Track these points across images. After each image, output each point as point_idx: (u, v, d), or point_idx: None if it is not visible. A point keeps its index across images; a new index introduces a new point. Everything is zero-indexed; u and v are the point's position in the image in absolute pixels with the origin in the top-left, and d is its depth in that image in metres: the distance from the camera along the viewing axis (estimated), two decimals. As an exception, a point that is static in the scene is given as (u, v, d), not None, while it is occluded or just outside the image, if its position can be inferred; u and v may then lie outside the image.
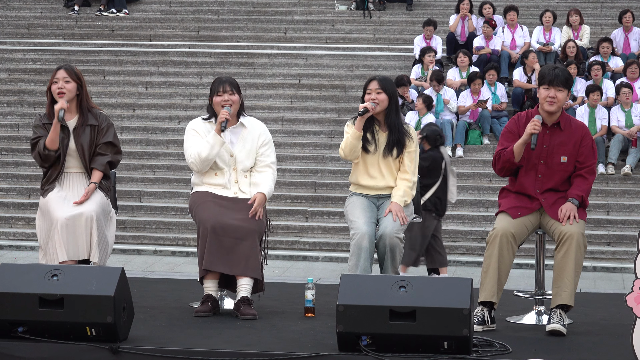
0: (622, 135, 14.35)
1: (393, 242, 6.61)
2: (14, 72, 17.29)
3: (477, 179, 14.42)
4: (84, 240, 6.54)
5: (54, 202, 6.57)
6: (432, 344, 5.31)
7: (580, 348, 5.71)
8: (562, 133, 6.30)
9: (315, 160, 15.03)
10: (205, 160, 6.57)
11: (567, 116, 6.43)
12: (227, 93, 6.61)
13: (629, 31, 16.36)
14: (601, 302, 7.11)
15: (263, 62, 17.30)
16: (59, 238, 6.47)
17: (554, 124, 6.31)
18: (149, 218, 13.83)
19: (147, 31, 18.46)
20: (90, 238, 6.55)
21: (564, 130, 6.31)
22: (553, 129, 6.31)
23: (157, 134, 15.66)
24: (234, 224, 6.40)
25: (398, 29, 17.98)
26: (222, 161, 6.63)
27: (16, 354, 5.50)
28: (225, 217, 6.41)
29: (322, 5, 18.94)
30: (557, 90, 6.23)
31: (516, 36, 16.57)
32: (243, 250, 6.39)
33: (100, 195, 6.66)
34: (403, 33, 17.75)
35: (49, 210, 6.56)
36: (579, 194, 6.18)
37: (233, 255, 6.38)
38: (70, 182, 6.70)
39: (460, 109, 15.15)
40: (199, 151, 6.56)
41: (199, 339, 5.75)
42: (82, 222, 6.52)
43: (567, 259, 6.07)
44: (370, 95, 6.74)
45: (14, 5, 19.39)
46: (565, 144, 6.29)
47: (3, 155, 15.34)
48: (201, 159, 6.56)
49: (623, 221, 13.38)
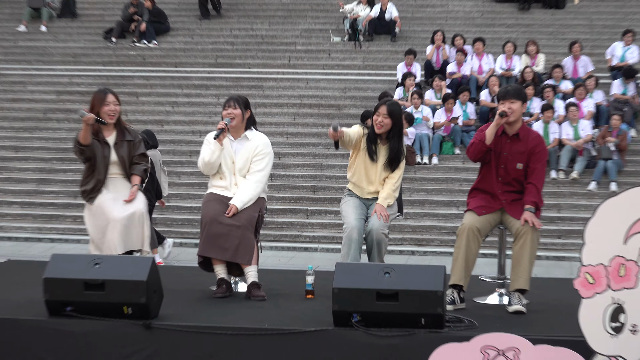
0: (570, 146, 14.41)
1: (379, 236, 6.65)
2: (62, 94, 17.31)
3: (449, 183, 14.43)
4: (138, 234, 6.65)
5: (106, 204, 6.63)
6: (412, 320, 5.34)
7: (535, 324, 5.73)
8: (521, 142, 6.30)
9: (314, 167, 15.03)
10: (208, 164, 6.62)
11: (526, 128, 6.43)
12: (230, 107, 6.65)
13: (577, 59, 16.38)
14: (553, 286, 7.14)
15: (270, 85, 17.32)
16: (118, 234, 6.54)
17: (514, 134, 6.32)
18: (175, 216, 13.86)
19: (173, 59, 18.48)
20: (143, 231, 6.66)
21: (522, 140, 6.31)
22: (513, 139, 6.31)
23: (182, 145, 15.69)
24: (226, 219, 6.42)
25: (383, 57, 17.99)
26: (225, 166, 6.67)
27: (65, 329, 5.55)
28: (219, 213, 6.45)
29: (319, 37, 18.95)
30: (510, 102, 6.24)
31: (483, 63, 16.59)
32: (233, 240, 6.40)
33: (142, 196, 6.77)
34: (388, 60, 17.75)
35: (104, 212, 6.61)
36: (533, 201, 6.18)
37: (224, 244, 6.41)
38: (114, 186, 6.77)
39: (436, 124, 15.16)
40: (204, 156, 6.64)
41: (217, 317, 5.79)
42: (136, 219, 6.64)
43: (523, 250, 6.10)
44: (378, 117, 6.69)
45: (61, 38, 19.40)
46: (522, 153, 6.29)
47: (54, 163, 15.37)
48: (204, 162, 6.63)
49: (571, 218, 13.40)
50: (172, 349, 5.46)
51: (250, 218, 6.51)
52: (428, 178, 14.57)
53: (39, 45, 19.16)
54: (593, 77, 15.67)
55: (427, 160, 14.88)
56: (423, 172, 14.71)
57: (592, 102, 15.18)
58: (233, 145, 6.70)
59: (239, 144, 6.72)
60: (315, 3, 20.22)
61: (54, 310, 5.59)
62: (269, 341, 5.41)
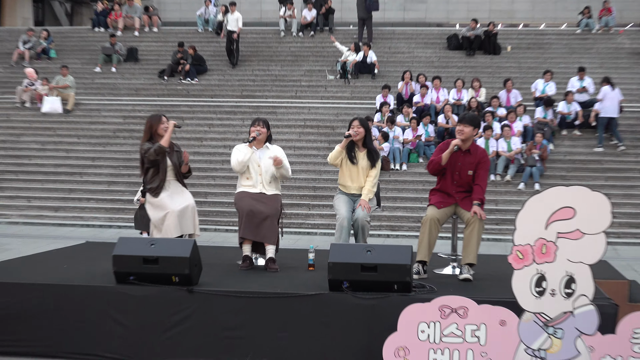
0: (505, 156, 14.41)
1: (363, 223, 6.65)
2: (127, 118, 17.31)
3: (416, 184, 14.43)
4: (191, 221, 6.63)
5: (165, 199, 6.62)
6: (387, 286, 5.33)
7: (479, 288, 5.72)
8: (471, 155, 6.31)
9: (314, 172, 15.03)
10: (242, 162, 6.60)
11: (475, 144, 6.43)
12: (259, 125, 6.70)
13: (509, 92, 16.38)
14: (493, 261, 7.12)
15: (282, 112, 17.31)
16: (175, 221, 6.51)
17: (467, 150, 6.33)
18: (211, 208, 13.84)
19: (210, 92, 18.47)
20: (194, 220, 6.67)
21: (472, 154, 6.32)
22: (466, 153, 6.32)
23: (216, 156, 15.67)
24: (260, 209, 6.41)
25: (366, 90, 18.01)
26: (252, 169, 6.64)
27: (128, 293, 5.53)
28: (254, 206, 6.43)
29: (318, 76, 18.96)
30: (464, 125, 6.25)
31: (439, 95, 16.58)
32: (265, 226, 6.39)
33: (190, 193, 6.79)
34: (369, 93, 17.77)
35: (163, 205, 6.59)
36: (480, 198, 6.18)
37: (258, 229, 6.39)
38: (170, 186, 6.75)
39: (405, 140, 15.17)
40: (237, 156, 6.62)
41: (242, 284, 5.77)
42: (189, 210, 6.66)
43: (472, 234, 6.10)
44: (353, 129, 6.75)
45: (126, 76, 19.41)
46: (472, 163, 6.29)
47: (120, 169, 15.36)
48: (238, 161, 6.60)
49: (506, 210, 13.40)
50: (208, 308, 5.44)
51: (276, 211, 6.50)
52: (399, 180, 14.58)
53: (110, 82, 19.16)
54: (521, 105, 15.68)
55: (398, 167, 14.89)
56: (395, 175, 14.71)
57: (521, 124, 15.20)
58: (257, 153, 6.70)
59: (262, 152, 6.72)
60: (315, 51, 20.22)
61: (120, 279, 5.58)
62: (280, 302, 5.39)
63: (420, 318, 4.77)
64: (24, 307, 5.54)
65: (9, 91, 18.52)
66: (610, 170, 14.71)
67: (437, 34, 21.34)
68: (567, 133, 15.80)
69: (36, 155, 15.97)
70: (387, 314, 5.12)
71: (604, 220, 4.57)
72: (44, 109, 17.42)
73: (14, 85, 18.55)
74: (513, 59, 19.41)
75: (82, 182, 15.05)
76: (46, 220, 13.62)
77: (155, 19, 22.05)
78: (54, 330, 5.53)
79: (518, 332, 4.69)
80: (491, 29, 19.68)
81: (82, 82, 18.86)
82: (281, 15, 21.15)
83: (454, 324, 4.75)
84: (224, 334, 5.39)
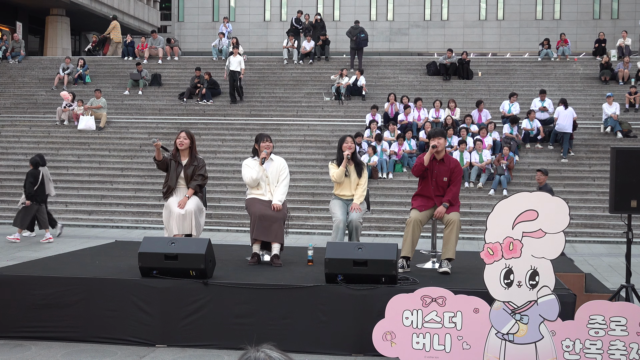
0: (477, 166, 14.40)
1: (357, 224, 6.64)
2: (152, 134, 17.25)
3: (400, 190, 14.40)
4: (189, 223, 6.57)
5: (173, 203, 6.62)
6: (376, 279, 5.30)
7: (456, 280, 5.69)
8: (445, 165, 6.31)
9: (313, 180, 14.99)
10: (255, 179, 6.56)
11: (448, 156, 6.43)
12: (267, 141, 6.64)
13: (481, 111, 16.38)
14: (467, 257, 7.10)
15: (285, 128, 17.28)
16: (175, 223, 6.50)
17: (441, 160, 6.32)
18: (223, 212, 13.81)
19: (223, 111, 18.45)
20: (193, 222, 6.59)
21: (446, 164, 6.31)
22: (440, 162, 6.32)
23: (228, 167, 15.63)
24: (269, 214, 6.38)
25: (357, 110, 18.01)
26: (262, 181, 6.61)
27: (152, 285, 5.50)
28: (264, 211, 6.39)
29: (316, 98, 18.96)
30: (437, 139, 6.24)
31: (421, 114, 16.58)
32: (274, 228, 6.36)
33: (196, 199, 6.71)
34: (360, 112, 17.77)
35: (170, 207, 6.59)
36: (449, 199, 6.18)
37: (268, 231, 6.35)
38: (179, 192, 6.73)
39: (391, 152, 15.15)
40: (251, 174, 6.56)
41: (250, 277, 5.73)
42: (190, 215, 6.61)
43: (450, 233, 6.08)
44: (348, 144, 6.74)
45: (151, 98, 19.38)
46: (446, 171, 6.28)
47: (145, 179, 15.33)
48: (252, 179, 6.55)
49: (478, 212, 13.38)
50: (221, 298, 5.41)
51: (283, 215, 6.48)
52: (386, 187, 14.55)
53: (137, 103, 19.12)
54: (491, 123, 15.68)
55: (385, 176, 14.86)
56: (383, 183, 14.69)
57: (491, 139, 15.19)
58: (264, 165, 6.67)
59: (268, 164, 6.68)
60: (314, 76, 20.22)
61: (145, 273, 5.55)
62: (283, 292, 5.36)
63: (405, 306, 4.75)
64: (62, 298, 5.52)
65: (51, 111, 18.55)
66: (568, 178, 14.73)
67: (418, 61, 21.39)
68: (530, 146, 15.81)
69: (73, 167, 15.94)
70: (376, 303, 5.10)
71: (563, 221, 4.56)
72: (80, 127, 17.43)
73: (55, 106, 18.59)
74: (483, 83, 19.44)
75: (112, 189, 15.02)
76: (81, 223, 13.58)
77: (177, 49, 22.12)
78: (87, 318, 5.50)
79: (490, 319, 4.67)
80: (464, 57, 19.75)
81: (112, 103, 18.84)
82: (284, 45, 21.27)
83: (434, 312, 4.73)
84: (234, 321, 5.36)
